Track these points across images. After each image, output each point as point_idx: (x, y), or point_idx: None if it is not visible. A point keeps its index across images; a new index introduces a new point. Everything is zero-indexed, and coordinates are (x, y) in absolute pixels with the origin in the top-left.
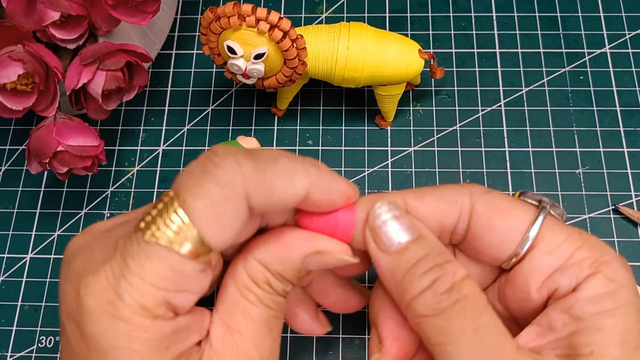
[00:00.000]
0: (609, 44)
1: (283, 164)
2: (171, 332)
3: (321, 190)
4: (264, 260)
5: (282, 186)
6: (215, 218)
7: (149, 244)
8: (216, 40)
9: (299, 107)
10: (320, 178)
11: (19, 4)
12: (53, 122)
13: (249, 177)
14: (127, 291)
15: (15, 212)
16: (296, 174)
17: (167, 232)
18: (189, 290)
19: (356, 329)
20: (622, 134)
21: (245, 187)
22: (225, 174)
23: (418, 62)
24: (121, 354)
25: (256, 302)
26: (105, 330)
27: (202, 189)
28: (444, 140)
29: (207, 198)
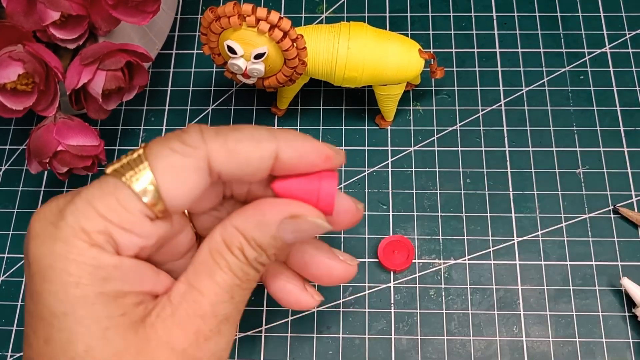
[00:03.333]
0: (609, 44)
1: (247, 129)
2: (111, 266)
3: (293, 150)
4: (240, 226)
5: (246, 149)
6: (172, 169)
7: (108, 177)
8: (216, 40)
9: (299, 107)
10: (289, 139)
11: (19, 4)
12: (53, 122)
13: (210, 139)
14: (71, 212)
15: (15, 212)
16: (261, 136)
17: (126, 169)
18: (134, 232)
19: (356, 329)
20: (622, 133)
21: (206, 149)
22: (188, 135)
23: (418, 62)
24: (56, 275)
25: (225, 267)
26: (45, 251)
27: (166, 141)
28: (444, 140)
29: (169, 149)
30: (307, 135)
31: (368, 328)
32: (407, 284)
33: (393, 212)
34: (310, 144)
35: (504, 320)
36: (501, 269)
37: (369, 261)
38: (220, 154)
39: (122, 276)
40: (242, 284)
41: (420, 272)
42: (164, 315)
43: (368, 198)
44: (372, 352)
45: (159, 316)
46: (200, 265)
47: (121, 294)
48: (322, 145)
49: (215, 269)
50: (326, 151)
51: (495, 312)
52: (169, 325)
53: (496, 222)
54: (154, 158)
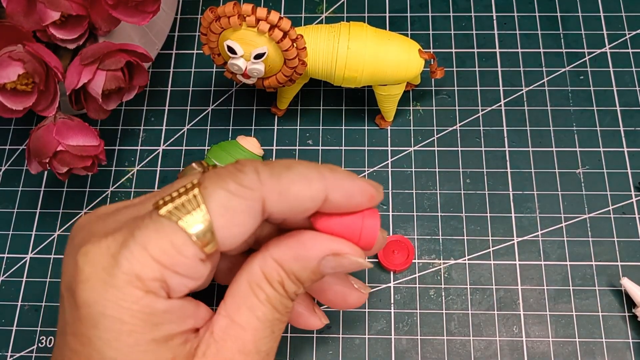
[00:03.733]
0: (609, 44)
1: (298, 169)
2: (163, 311)
3: (340, 192)
4: (280, 259)
5: (297, 190)
6: (229, 211)
7: (162, 218)
8: (216, 40)
9: (299, 107)
10: (337, 179)
11: (19, 4)
12: (53, 122)
13: (265, 181)
14: (126, 258)
15: (15, 212)
16: (312, 178)
17: (182, 211)
18: (186, 274)
19: (356, 329)
20: (622, 133)
21: (262, 191)
22: (245, 176)
23: (418, 62)
24: (110, 323)
25: (265, 301)
26: (97, 297)
27: (223, 182)
28: (444, 140)
29: (226, 190)
30: (352, 174)
31: (368, 328)
32: (407, 284)
33: (393, 212)
34: (358, 186)
35: (504, 321)
36: (501, 269)
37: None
38: (274, 195)
39: (172, 319)
40: (281, 317)
41: (420, 272)
42: (210, 354)
43: None
44: (372, 352)
45: (205, 355)
46: (241, 299)
47: (170, 337)
48: (367, 185)
49: (256, 304)
50: (371, 191)
51: (495, 312)
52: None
53: (496, 222)
54: (210, 200)
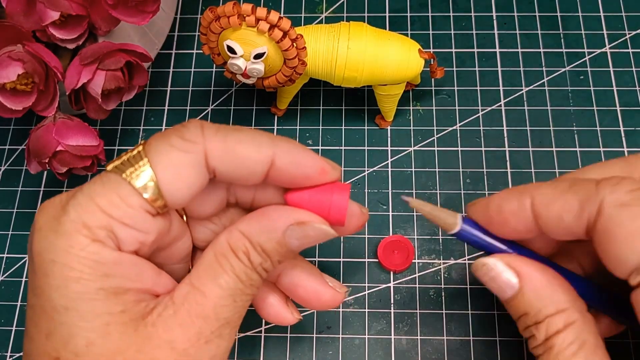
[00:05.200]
0: (609, 44)
1: (248, 132)
2: (113, 262)
3: (290, 159)
4: (246, 231)
5: (244, 150)
6: (171, 163)
7: (109, 174)
8: (216, 40)
9: (299, 107)
10: (288, 148)
11: (18, 4)
12: (53, 122)
13: (210, 137)
14: (73, 207)
15: (15, 212)
16: (261, 140)
17: (126, 165)
18: (135, 227)
19: (356, 329)
20: (622, 133)
21: (204, 144)
22: (187, 130)
23: (418, 62)
24: (58, 269)
25: (229, 270)
26: (48, 245)
27: (166, 137)
28: (444, 140)
29: (168, 144)
30: (306, 148)
31: (368, 328)
32: (407, 284)
33: (393, 212)
34: (308, 156)
35: (504, 320)
36: None
37: (368, 261)
38: (218, 151)
39: (123, 272)
40: (245, 289)
41: (420, 272)
42: (166, 315)
43: (368, 198)
44: (372, 352)
45: (161, 315)
46: (205, 268)
47: (121, 290)
48: (319, 158)
49: (219, 272)
50: (322, 164)
51: (495, 312)
52: (171, 324)
53: None
54: (154, 154)
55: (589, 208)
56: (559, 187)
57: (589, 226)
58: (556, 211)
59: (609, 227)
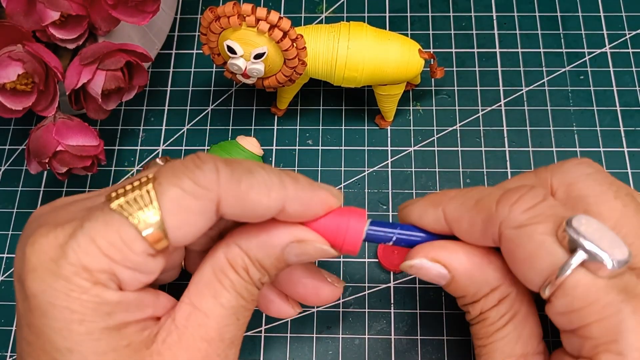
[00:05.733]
0: (609, 44)
1: (260, 175)
2: (115, 302)
3: (298, 203)
4: (245, 246)
5: (256, 197)
6: (181, 210)
7: (113, 212)
8: (216, 40)
9: (299, 107)
10: (297, 190)
11: (18, 4)
12: (53, 122)
13: (223, 183)
14: (73, 250)
15: (15, 212)
16: (272, 186)
17: (134, 206)
18: (136, 269)
19: (356, 329)
20: (622, 133)
21: (218, 193)
22: (203, 174)
23: (418, 62)
24: (59, 312)
25: (230, 287)
26: (45, 287)
27: (178, 180)
28: (444, 140)
29: (180, 188)
30: (314, 184)
31: (368, 328)
32: (407, 284)
33: (393, 212)
34: (318, 197)
35: None
36: None
37: (369, 261)
38: (230, 198)
39: (125, 309)
40: (247, 305)
41: None
42: (170, 341)
43: (368, 198)
44: (372, 352)
45: (165, 342)
46: (205, 285)
47: (124, 325)
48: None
49: (220, 290)
50: (330, 202)
51: None
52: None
53: None
54: (163, 197)
55: (490, 229)
56: (466, 204)
57: (495, 242)
58: (464, 228)
59: (510, 249)
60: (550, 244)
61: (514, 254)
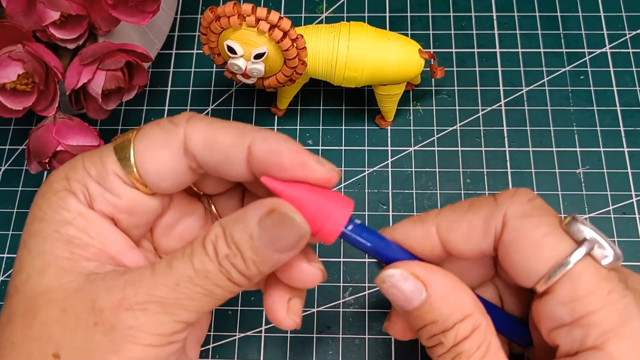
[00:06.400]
0: (609, 44)
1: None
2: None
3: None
4: (224, 222)
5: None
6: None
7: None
8: (216, 40)
9: (299, 107)
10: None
11: (19, 4)
12: (53, 121)
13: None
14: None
15: (15, 212)
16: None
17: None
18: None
19: (356, 329)
20: (623, 133)
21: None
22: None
23: (418, 62)
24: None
25: (187, 255)
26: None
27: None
28: (444, 140)
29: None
30: (289, 139)
31: (368, 328)
32: None
33: (393, 212)
34: (287, 145)
35: None
36: None
37: (368, 261)
38: (198, 136)
39: (84, 226)
40: (194, 277)
41: None
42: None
43: (368, 198)
44: (372, 352)
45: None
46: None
47: (77, 242)
48: (301, 151)
49: (177, 255)
50: (302, 157)
51: None
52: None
53: None
54: (142, 130)
55: (494, 222)
56: (459, 210)
57: (495, 240)
58: (462, 232)
59: (515, 238)
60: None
61: (518, 244)
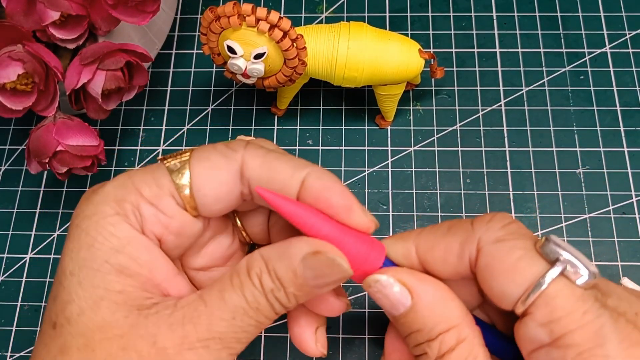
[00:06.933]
0: (609, 44)
1: (289, 155)
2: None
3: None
4: (266, 255)
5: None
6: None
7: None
8: (216, 40)
9: (299, 107)
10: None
11: (19, 4)
12: (53, 122)
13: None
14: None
15: (15, 212)
16: (298, 162)
17: (171, 158)
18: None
19: (356, 329)
20: (622, 133)
21: (244, 156)
22: (233, 142)
23: (418, 62)
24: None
25: (237, 287)
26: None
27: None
28: (444, 140)
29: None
30: (339, 180)
31: (368, 328)
32: None
33: (393, 212)
34: (338, 186)
35: None
36: None
37: None
38: (255, 162)
39: (134, 254)
40: (249, 310)
41: None
42: (162, 313)
43: (368, 198)
44: (372, 352)
45: (158, 312)
46: (217, 282)
47: (127, 272)
48: (350, 196)
49: (227, 287)
50: (350, 202)
51: None
52: (161, 322)
53: None
54: (196, 152)
55: (468, 248)
56: (438, 232)
57: (471, 265)
58: (439, 254)
59: (489, 263)
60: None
61: (492, 269)
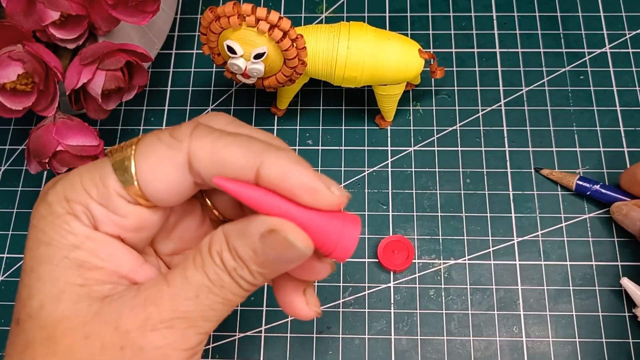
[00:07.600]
0: (609, 44)
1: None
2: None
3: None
4: (227, 232)
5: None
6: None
7: (103, 157)
8: (216, 40)
9: (299, 107)
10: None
11: (18, 4)
12: (53, 122)
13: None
14: (61, 182)
15: (15, 212)
16: (251, 148)
17: (117, 151)
18: (110, 209)
19: (356, 329)
20: (622, 133)
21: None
22: (179, 130)
23: (418, 62)
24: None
25: (199, 265)
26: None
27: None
28: (444, 140)
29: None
30: (300, 160)
31: (368, 328)
32: (407, 284)
33: (393, 212)
34: (298, 171)
35: (504, 321)
36: (501, 269)
37: (368, 261)
38: (203, 152)
39: (93, 249)
40: (213, 288)
41: (420, 272)
42: (125, 297)
43: (368, 198)
44: (372, 352)
45: (121, 297)
46: (181, 262)
47: (88, 266)
48: (311, 176)
49: (189, 266)
50: (312, 184)
51: (495, 312)
52: (123, 306)
53: (496, 222)
54: (141, 145)
55: None
56: None
57: None
58: None
59: None
60: None
61: None
